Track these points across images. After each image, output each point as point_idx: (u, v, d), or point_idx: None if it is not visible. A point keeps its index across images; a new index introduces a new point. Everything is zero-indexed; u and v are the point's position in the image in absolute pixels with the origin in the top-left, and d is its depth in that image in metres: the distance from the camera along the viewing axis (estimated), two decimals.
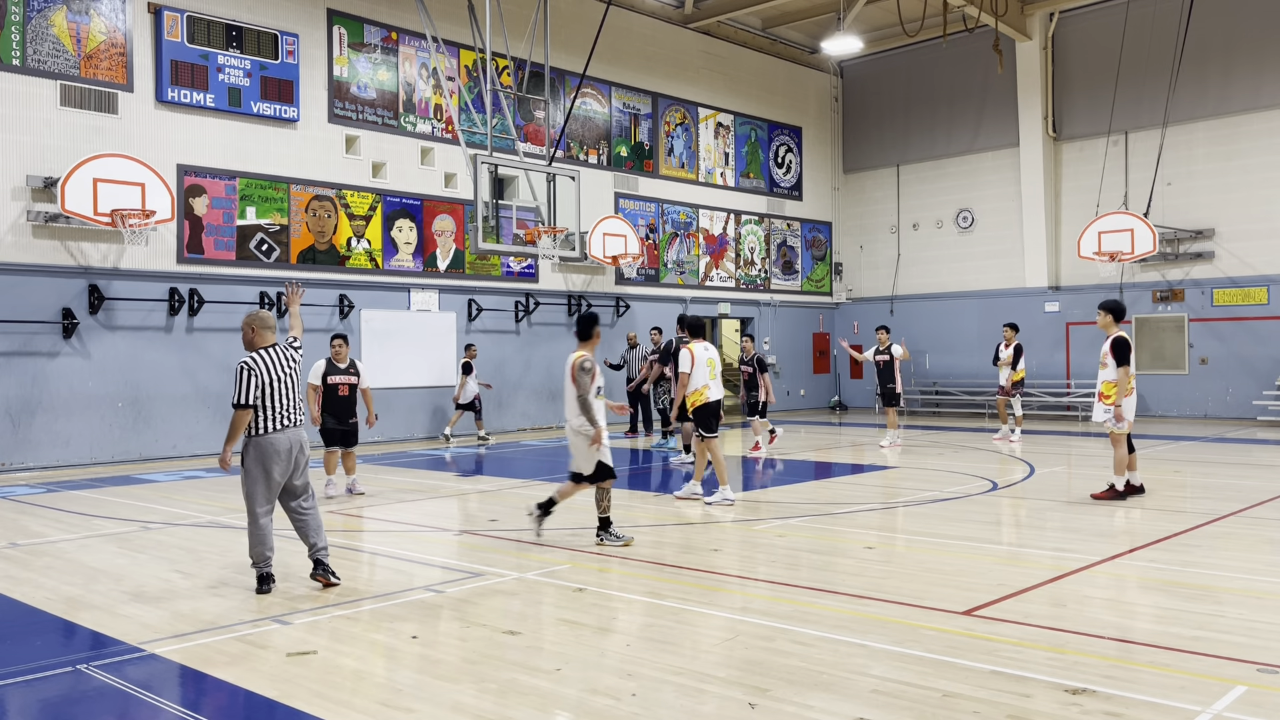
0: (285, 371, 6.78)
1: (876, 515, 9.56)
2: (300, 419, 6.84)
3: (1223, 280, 20.62)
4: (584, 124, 20.86)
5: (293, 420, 6.76)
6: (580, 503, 10.58)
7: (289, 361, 6.84)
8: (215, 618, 6.00)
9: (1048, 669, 4.80)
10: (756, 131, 24.80)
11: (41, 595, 6.66)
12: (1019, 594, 6.28)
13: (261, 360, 6.70)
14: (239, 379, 6.58)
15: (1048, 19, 22.91)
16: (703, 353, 10.35)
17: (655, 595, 6.40)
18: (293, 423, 6.76)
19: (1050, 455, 14.68)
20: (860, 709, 4.32)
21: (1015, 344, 16.67)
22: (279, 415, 6.70)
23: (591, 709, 4.39)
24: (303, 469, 6.80)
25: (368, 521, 9.69)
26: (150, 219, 14.00)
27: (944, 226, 24.99)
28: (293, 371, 6.84)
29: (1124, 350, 9.80)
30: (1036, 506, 10.00)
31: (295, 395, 6.82)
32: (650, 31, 22.25)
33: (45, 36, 13.95)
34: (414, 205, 18.05)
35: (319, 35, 16.84)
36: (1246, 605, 6.02)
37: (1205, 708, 4.26)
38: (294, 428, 6.76)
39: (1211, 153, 20.85)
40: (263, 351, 6.76)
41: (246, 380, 6.58)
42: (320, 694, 4.63)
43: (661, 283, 22.44)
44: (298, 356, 6.97)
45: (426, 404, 18.14)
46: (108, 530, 9.17)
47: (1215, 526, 8.63)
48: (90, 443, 14.31)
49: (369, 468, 13.99)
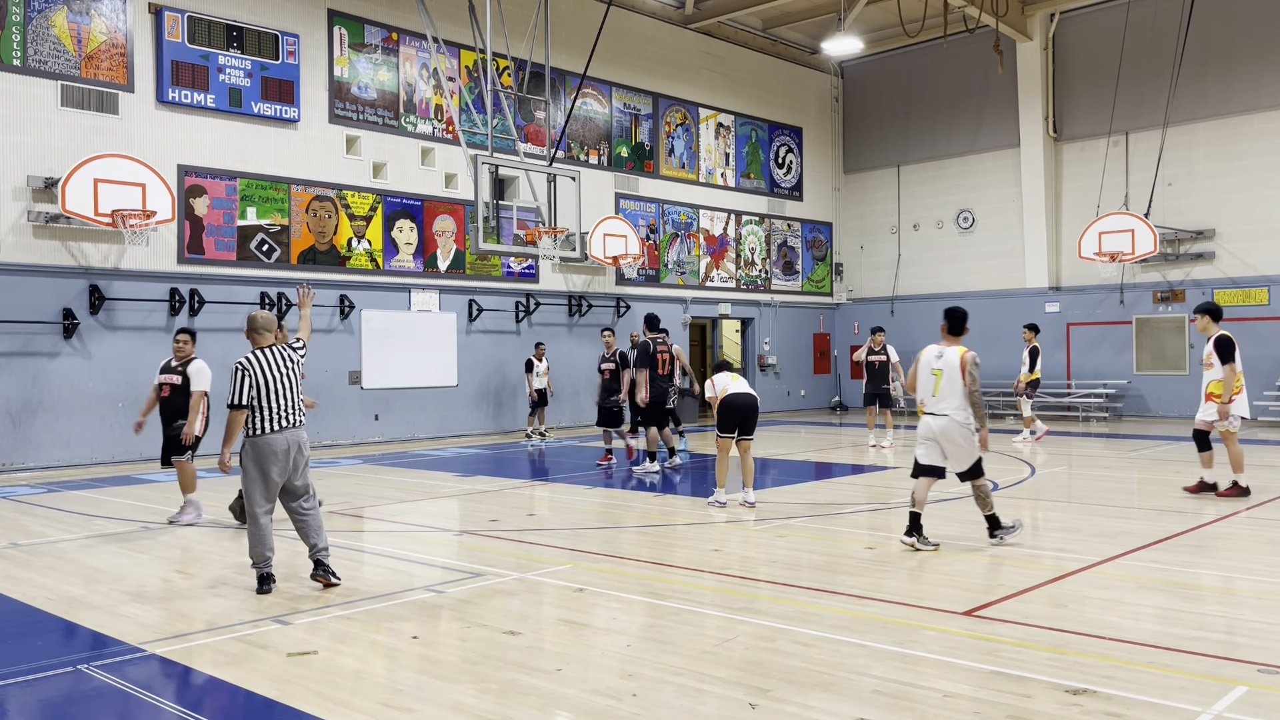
0: (281, 371, 6.77)
1: (877, 515, 9.56)
2: (300, 420, 6.82)
3: (1223, 281, 20.61)
4: (584, 124, 20.87)
5: (291, 421, 6.75)
6: (579, 503, 10.60)
7: (285, 362, 6.83)
8: (215, 618, 6.00)
9: (1048, 669, 4.80)
10: (757, 132, 24.80)
11: (42, 595, 6.66)
12: (1019, 594, 6.28)
13: (257, 361, 6.71)
14: (233, 380, 6.65)
15: (1048, 19, 22.91)
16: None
17: (655, 595, 6.40)
18: (291, 424, 6.75)
19: (1050, 455, 14.68)
20: (861, 709, 4.32)
21: (1031, 345, 16.66)
22: (276, 416, 6.70)
23: (592, 709, 4.39)
24: (302, 470, 6.79)
25: (368, 522, 9.69)
26: (151, 219, 14.00)
27: (944, 227, 24.99)
28: (289, 372, 6.82)
29: (1228, 348, 9.81)
30: (1037, 507, 9.99)
31: (293, 396, 6.81)
32: (651, 32, 22.25)
33: (46, 37, 13.96)
34: (414, 206, 18.05)
35: (319, 36, 16.84)
36: (1247, 605, 6.02)
37: (1206, 708, 4.25)
38: (293, 428, 6.75)
39: (1212, 153, 20.85)
40: (259, 352, 6.76)
41: (240, 381, 6.64)
42: (321, 694, 4.63)
43: (662, 283, 22.44)
44: (297, 356, 6.95)
45: (427, 404, 18.15)
46: (108, 530, 9.17)
47: (1216, 527, 8.63)
48: (91, 443, 14.31)
49: (370, 468, 13.99)
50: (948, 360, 7.70)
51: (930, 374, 7.79)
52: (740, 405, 10.02)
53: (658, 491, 11.46)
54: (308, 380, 11.84)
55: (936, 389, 7.72)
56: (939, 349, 7.84)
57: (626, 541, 8.35)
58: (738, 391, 10.07)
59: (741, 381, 10.30)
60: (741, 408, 10.03)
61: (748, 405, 10.05)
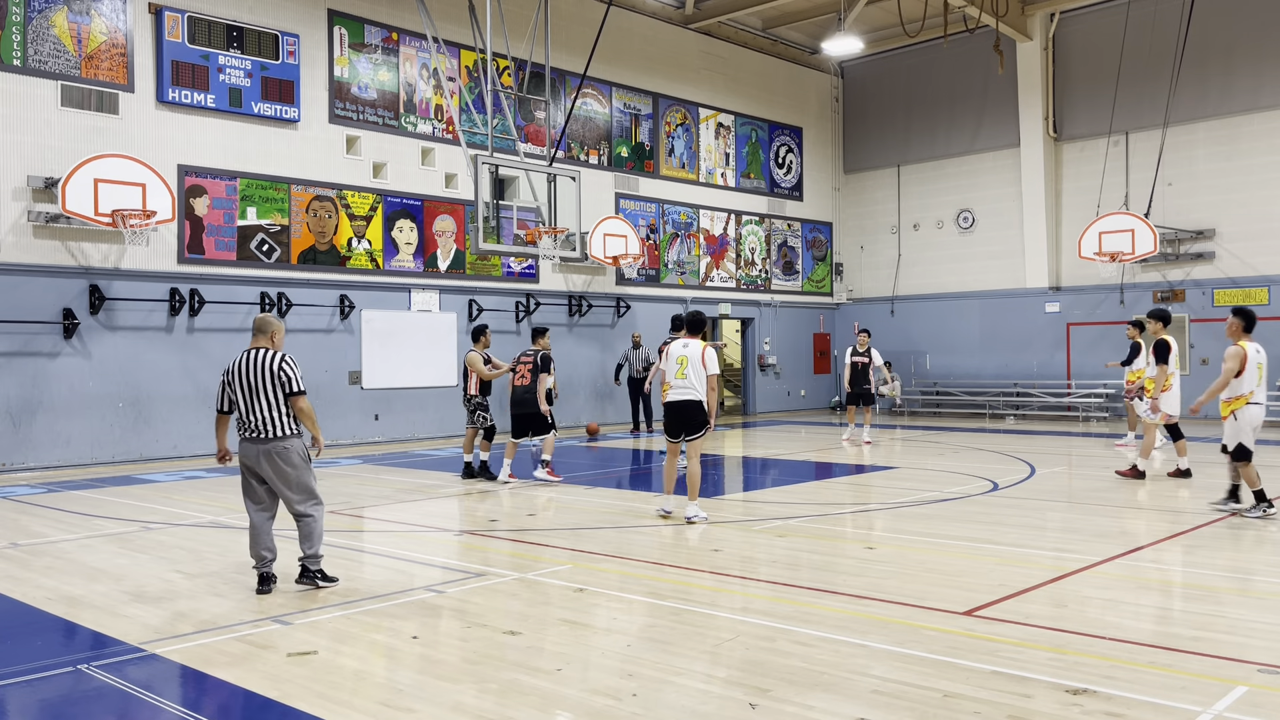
0: (249, 381, 6.54)
1: (877, 516, 9.56)
2: (269, 433, 6.51)
3: (1223, 281, 20.61)
4: (584, 124, 20.86)
5: (255, 433, 6.52)
6: (579, 503, 10.59)
7: (256, 371, 6.53)
8: (216, 618, 6.00)
9: (1048, 669, 4.80)
10: (757, 132, 24.80)
11: (42, 595, 6.66)
12: (1020, 594, 6.28)
13: (234, 367, 6.64)
14: None
15: (1048, 19, 22.90)
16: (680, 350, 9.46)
17: (656, 595, 6.40)
18: (254, 435, 6.52)
19: (1050, 455, 14.68)
20: (861, 709, 4.32)
21: (1134, 342, 15.32)
22: (241, 425, 6.63)
23: (592, 709, 4.39)
24: (292, 485, 6.60)
25: (368, 522, 9.69)
26: (151, 219, 14.00)
27: (944, 227, 24.98)
28: (257, 382, 6.52)
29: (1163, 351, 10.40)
30: (1037, 507, 9.99)
31: (259, 407, 6.52)
32: (651, 32, 22.25)
33: (46, 37, 13.96)
34: (415, 206, 18.05)
35: (319, 36, 16.84)
36: (1247, 605, 6.02)
37: (1206, 708, 4.25)
38: (251, 441, 6.54)
39: (1212, 153, 20.85)
40: (242, 355, 6.67)
41: (220, 387, 6.75)
42: (321, 694, 4.63)
43: (662, 283, 22.44)
44: (282, 366, 6.58)
45: (427, 404, 18.15)
46: (108, 530, 9.17)
47: (1216, 527, 8.63)
48: (91, 443, 14.31)
49: (370, 468, 14.00)
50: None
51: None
52: (674, 408, 9.24)
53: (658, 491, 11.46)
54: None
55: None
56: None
57: (627, 541, 8.35)
58: (674, 399, 9.21)
59: (687, 373, 9.15)
60: (676, 412, 9.24)
61: (682, 410, 9.18)
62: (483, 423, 12.31)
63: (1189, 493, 10.72)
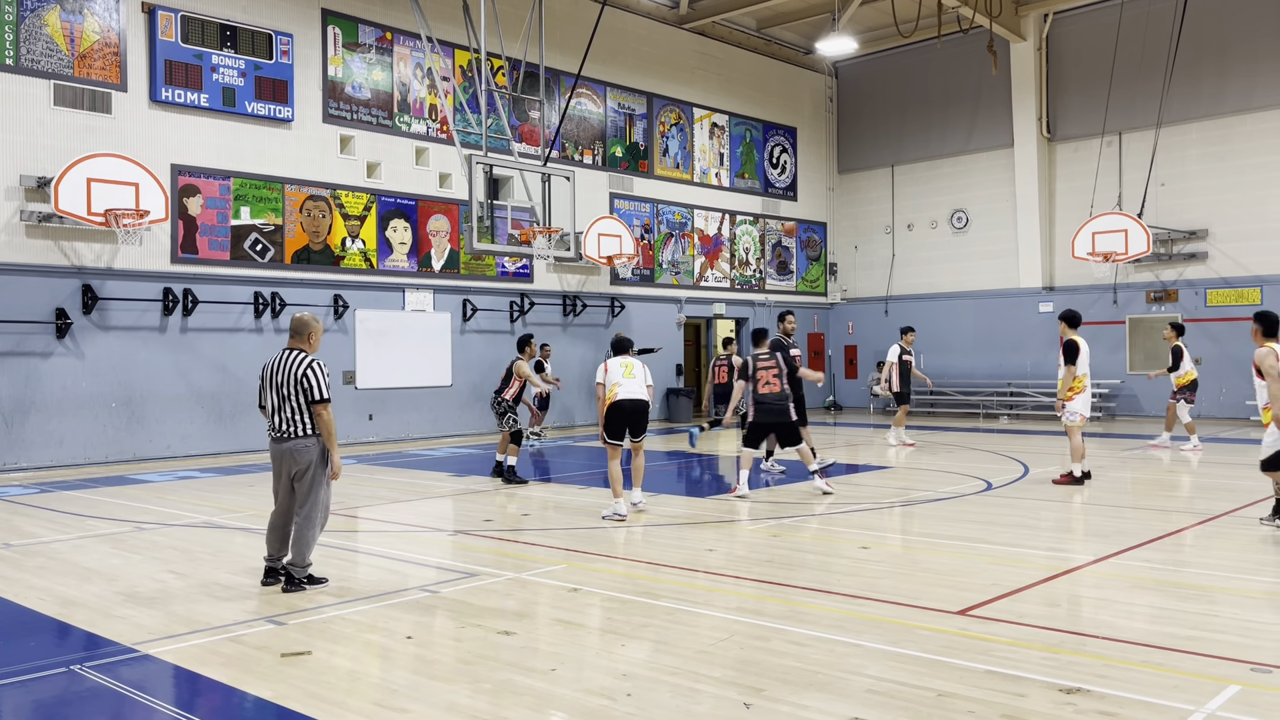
0: (277, 382, 6.64)
1: (871, 515, 9.57)
2: (289, 432, 6.57)
3: (1216, 281, 20.67)
4: (579, 124, 20.86)
5: (279, 432, 6.62)
6: (577, 503, 10.59)
7: (282, 370, 6.63)
8: (209, 618, 5.99)
9: (1042, 669, 4.81)
10: (751, 132, 24.81)
11: (35, 596, 6.64)
12: (1014, 594, 6.29)
13: (269, 367, 6.76)
14: None
15: (1042, 20, 22.95)
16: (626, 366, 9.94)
17: (650, 595, 6.40)
18: (277, 435, 6.63)
19: (1045, 455, 14.71)
20: (855, 709, 4.32)
21: (1174, 345, 15.09)
22: (270, 424, 6.76)
23: (586, 709, 4.39)
24: (303, 482, 6.63)
25: (362, 522, 9.67)
26: (144, 219, 13.96)
27: (939, 227, 25.02)
28: (282, 381, 6.59)
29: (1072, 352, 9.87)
30: (1031, 506, 10.01)
31: (284, 406, 6.58)
32: (645, 32, 22.25)
33: (38, 36, 13.92)
34: (409, 205, 18.03)
35: (313, 35, 16.81)
36: (1240, 605, 6.04)
37: (1199, 707, 4.27)
38: (277, 441, 6.64)
39: (1205, 153, 20.90)
40: (278, 355, 6.75)
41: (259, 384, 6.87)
42: (314, 694, 4.62)
43: (656, 283, 22.44)
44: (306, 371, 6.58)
45: (421, 404, 18.13)
46: (101, 531, 9.14)
47: (1209, 526, 8.65)
48: (84, 443, 14.27)
49: (364, 468, 13.97)
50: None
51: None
52: (629, 409, 9.47)
53: (655, 491, 11.46)
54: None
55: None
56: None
57: (621, 541, 8.35)
58: (627, 397, 9.43)
59: (635, 375, 9.56)
60: (630, 411, 9.48)
61: (636, 409, 9.50)
62: (512, 425, 12.25)
63: (1183, 493, 10.75)
